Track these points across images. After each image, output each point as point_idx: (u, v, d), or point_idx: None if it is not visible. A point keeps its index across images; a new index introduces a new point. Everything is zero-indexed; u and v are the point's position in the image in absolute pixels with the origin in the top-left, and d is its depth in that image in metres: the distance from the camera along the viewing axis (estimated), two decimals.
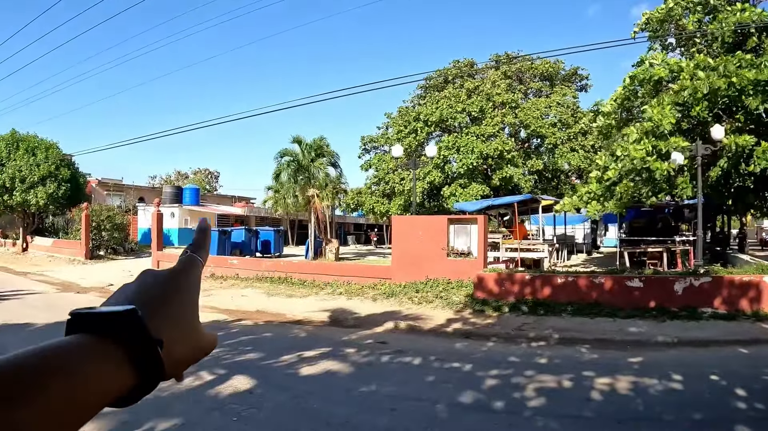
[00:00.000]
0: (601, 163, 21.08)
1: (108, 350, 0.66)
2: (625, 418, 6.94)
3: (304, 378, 8.85)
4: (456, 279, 18.03)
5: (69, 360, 0.62)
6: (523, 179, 37.17)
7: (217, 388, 8.06)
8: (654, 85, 19.40)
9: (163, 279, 0.80)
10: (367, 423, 6.72)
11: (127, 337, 0.67)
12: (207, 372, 8.77)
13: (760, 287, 14.12)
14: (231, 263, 24.37)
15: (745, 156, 18.19)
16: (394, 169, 38.60)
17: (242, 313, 15.65)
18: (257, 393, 7.91)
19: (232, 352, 10.57)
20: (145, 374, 0.68)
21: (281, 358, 10.06)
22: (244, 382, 8.35)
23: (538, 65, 42.17)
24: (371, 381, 8.59)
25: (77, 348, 0.64)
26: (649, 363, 9.82)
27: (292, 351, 10.64)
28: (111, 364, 0.66)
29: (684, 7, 21.40)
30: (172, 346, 0.72)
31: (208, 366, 9.14)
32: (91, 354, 0.64)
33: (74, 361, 0.62)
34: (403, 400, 7.63)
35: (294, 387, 8.27)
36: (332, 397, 7.76)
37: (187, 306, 0.80)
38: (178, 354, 0.75)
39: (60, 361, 0.61)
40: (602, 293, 15.03)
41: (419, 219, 21.82)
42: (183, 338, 0.77)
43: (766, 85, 16.68)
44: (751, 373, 8.95)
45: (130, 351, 0.67)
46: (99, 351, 0.65)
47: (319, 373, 9.09)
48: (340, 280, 20.07)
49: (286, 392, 7.98)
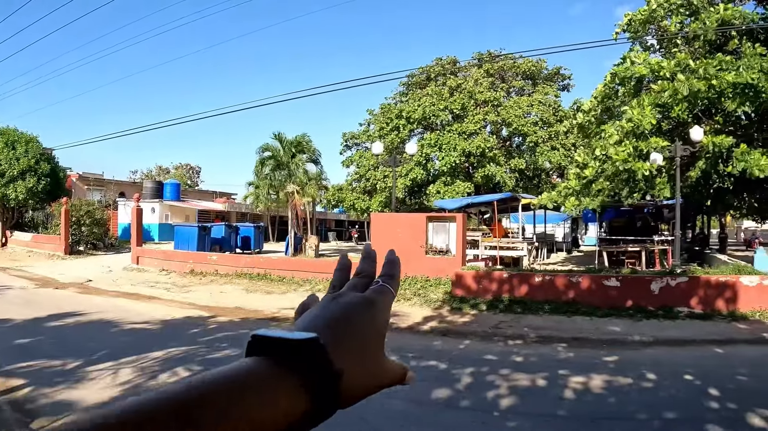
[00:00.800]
0: (580, 160, 21.19)
1: (286, 377, 0.65)
2: (598, 417, 6.99)
3: None
4: (434, 276, 18.09)
5: (248, 387, 0.62)
6: (505, 177, 37.27)
7: None
8: (635, 84, 19.47)
9: (351, 309, 0.77)
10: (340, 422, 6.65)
11: (306, 366, 0.66)
12: (182, 369, 8.79)
13: (736, 287, 14.28)
14: (210, 259, 24.28)
15: (724, 157, 18.34)
16: (375, 165, 38.60)
17: (220, 309, 15.59)
18: None
19: (208, 348, 10.57)
20: (320, 403, 0.66)
21: None
22: None
23: (521, 64, 42.30)
24: None
25: (256, 375, 0.64)
26: (624, 362, 9.90)
27: None
28: (288, 392, 0.65)
29: (666, 9, 21.46)
30: (352, 378, 0.70)
31: (183, 363, 9.14)
32: (269, 381, 0.64)
33: (253, 387, 0.62)
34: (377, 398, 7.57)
35: None
36: None
37: (373, 339, 0.77)
38: (357, 386, 0.72)
39: (240, 387, 0.61)
40: (579, 292, 15.13)
41: (398, 216, 21.86)
42: (364, 371, 0.74)
43: (745, 87, 16.78)
44: (725, 373, 9.03)
45: (308, 380, 0.66)
46: (277, 377, 0.65)
47: None
48: (318, 277, 20.04)
49: None
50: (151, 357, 9.60)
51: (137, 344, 10.71)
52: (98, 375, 8.44)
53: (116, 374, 8.51)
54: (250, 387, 0.62)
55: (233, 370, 0.63)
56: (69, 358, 9.40)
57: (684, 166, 19.60)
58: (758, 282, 14.35)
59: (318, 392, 0.65)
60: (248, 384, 0.62)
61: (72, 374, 8.54)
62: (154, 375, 8.46)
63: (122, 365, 8.96)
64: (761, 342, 11.68)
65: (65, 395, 7.53)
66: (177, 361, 9.33)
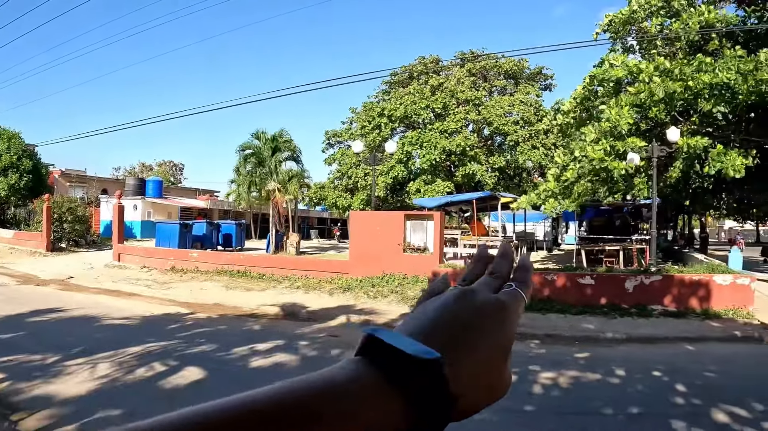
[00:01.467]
0: (560, 161, 21.29)
1: (391, 394, 0.57)
2: (565, 412, 7.09)
3: (256, 369, 8.90)
4: (412, 274, 18.17)
5: (344, 398, 0.56)
6: (486, 176, 37.45)
7: (168, 379, 8.09)
8: (613, 86, 19.59)
9: (484, 312, 0.68)
10: None
11: (419, 388, 0.57)
12: (159, 364, 8.82)
13: (709, 286, 14.47)
14: (192, 256, 24.22)
15: (701, 158, 18.51)
16: (357, 163, 38.72)
17: (200, 306, 15.59)
18: (208, 385, 7.92)
19: (186, 344, 10.59)
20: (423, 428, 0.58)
21: (234, 350, 10.08)
22: (197, 373, 8.38)
23: (503, 63, 42.54)
24: None
25: (356, 385, 0.57)
26: (595, 358, 10.04)
27: (246, 343, 10.67)
28: (390, 409, 0.57)
29: (647, 10, 21.60)
30: (468, 397, 0.62)
31: (160, 358, 9.18)
32: (369, 394, 0.57)
33: (349, 399, 0.56)
34: None
35: (245, 378, 8.31)
36: None
37: (501, 350, 0.67)
38: (471, 404, 0.63)
39: (334, 397, 0.55)
40: (555, 290, 15.28)
41: (377, 214, 21.94)
42: (483, 386, 0.65)
43: (721, 88, 16.94)
44: (694, 369, 9.20)
45: (417, 403, 0.57)
46: (379, 392, 0.57)
47: (271, 365, 9.14)
48: (298, 274, 20.07)
49: (237, 383, 7.92)
50: (129, 352, 9.62)
51: (116, 339, 10.72)
52: (76, 369, 8.46)
53: (94, 368, 8.53)
54: (344, 399, 0.56)
55: (331, 378, 0.57)
56: (48, 353, 9.40)
57: (662, 166, 19.76)
58: (731, 281, 14.54)
59: (424, 416, 0.58)
60: (344, 396, 0.56)
61: (50, 368, 8.54)
62: (131, 369, 8.49)
63: (100, 360, 8.98)
64: (732, 340, 11.83)
65: (43, 389, 7.54)
66: (154, 356, 9.35)
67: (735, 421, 6.63)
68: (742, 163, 17.10)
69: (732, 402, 7.24)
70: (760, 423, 6.56)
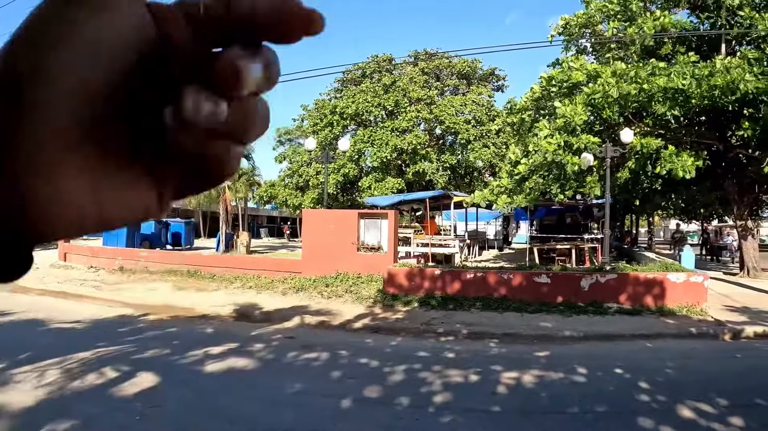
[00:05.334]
0: (513, 158, 21.38)
1: None
2: (530, 411, 7.01)
3: (210, 374, 8.64)
4: (367, 273, 18.04)
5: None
6: (437, 174, 37.59)
7: (120, 386, 7.79)
8: (570, 88, 19.66)
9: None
10: (273, 420, 6.59)
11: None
12: (111, 369, 8.53)
13: (663, 284, 14.61)
14: (140, 256, 23.84)
15: (652, 159, 18.69)
16: (308, 161, 38.60)
17: (150, 308, 15.26)
18: (161, 391, 7.67)
19: (137, 348, 10.29)
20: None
21: (187, 354, 9.82)
22: (149, 379, 8.10)
23: (456, 63, 42.75)
24: (277, 377, 8.48)
25: None
26: (555, 357, 10.00)
27: (199, 346, 10.40)
28: None
29: (604, 14, 21.76)
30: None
31: (111, 363, 8.89)
32: None
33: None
34: (309, 395, 7.54)
35: (199, 383, 8.08)
36: (237, 394, 7.59)
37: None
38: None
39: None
40: (511, 289, 15.24)
41: (330, 213, 21.78)
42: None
43: (675, 92, 17.13)
44: (655, 366, 9.22)
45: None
46: None
47: (226, 369, 8.90)
48: (250, 274, 19.85)
49: (191, 389, 7.77)
50: (78, 358, 9.29)
51: (64, 344, 10.38)
52: (23, 377, 8.12)
53: (42, 376, 8.19)
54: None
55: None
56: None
57: (615, 166, 19.92)
58: (685, 279, 14.70)
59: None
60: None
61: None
62: (81, 376, 8.18)
63: (48, 367, 8.65)
64: (688, 337, 11.94)
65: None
66: (104, 362, 9.05)
67: (701, 417, 6.64)
68: (693, 164, 17.36)
69: (696, 397, 7.26)
70: (725, 418, 6.57)
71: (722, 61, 17.33)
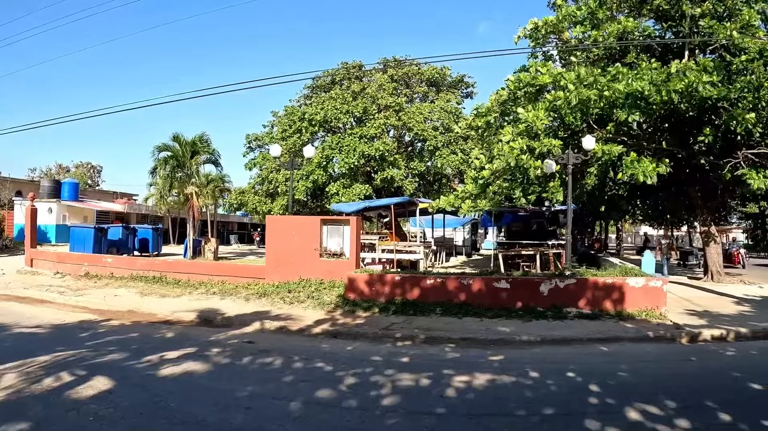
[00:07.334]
0: (478, 163, 21.49)
1: None
2: (476, 413, 7.04)
3: (165, 378, 8.65)
4: (329, 279, 18.15)
5: None
6: (406, 181, 37.66)
7: (76, 389, 7.81)
8: (536, 92, 19.79)
9: None
10: (222, 422, 6.60)
11: None
12: (67, 373, 8.56)
13: (623, 289, 14.81)
14: (106, 262, 23.79)
15: (615, 165, 18.89)
16: (277, 168, 38.55)
17: (113, 313, 15.28)
18: (116, 393, 7.68)
19: (95, 353, 10.29)
20: None
21: (144, 359, 9.81)
22: (104, 383, 8.11)
23: (425, 71, 42.96)
24: (231, 381, 8.50)
25: None
26: (509, 360, 10.10)
27: (157, 351, 10.41)
28: None
29: (572, 20, 21.93)
30: None
31: (68, 367, 8.88)
32: None
33: None
34: (260, 399, 7.57)
35: (154, 387, 8.08)
36: (190, 397, 7.61)
37: None
38: None
39: None
40: (471, 294, 15.35)
41: (293, 219, 21.78)
42: None
43: (636, 98, 17.30)
44: (608, 369, 9.33)
45: None
46: None
47: (181, 373, 8.90)
48: (214, 280, 19.88)
49: (145, 392, 7.79)
50: (37, 361, 9.33)
51: (24, 348, 10.43)
52: None
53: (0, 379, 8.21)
54: None
55: None
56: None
57: (578, 173, 20.08)
58: (644, 284, 14.90)
59: None
60: None
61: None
62: (38, 379, 8.21)
63: (6, 370, 8.68)
64: (645, 340, 12.12)
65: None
66: (62, 365, 9.06)
67: (648, 419, 6.71)
68: (654, 170, 17.51)
69: (645, 400, 7.35)
70: (672, 420, 6.64)
71: (677, 64, 17.54)
